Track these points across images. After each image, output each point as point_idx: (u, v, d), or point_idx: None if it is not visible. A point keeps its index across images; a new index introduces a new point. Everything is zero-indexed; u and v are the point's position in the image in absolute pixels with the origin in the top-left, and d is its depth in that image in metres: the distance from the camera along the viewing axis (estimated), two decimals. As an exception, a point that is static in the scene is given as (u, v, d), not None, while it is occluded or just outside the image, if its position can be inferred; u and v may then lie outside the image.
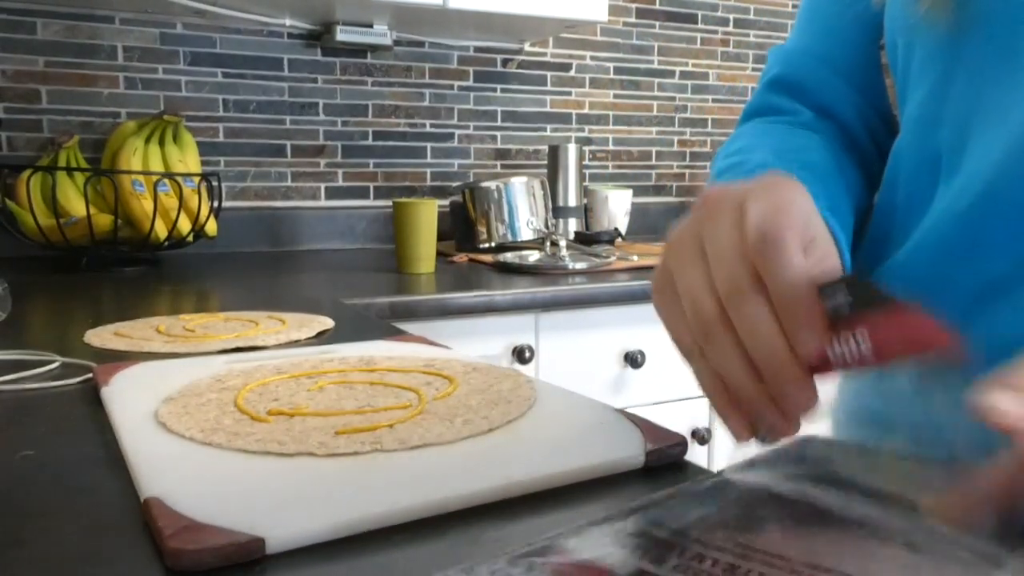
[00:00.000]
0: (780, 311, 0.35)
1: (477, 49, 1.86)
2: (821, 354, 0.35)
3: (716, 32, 2.12)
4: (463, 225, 1.63)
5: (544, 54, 1.93)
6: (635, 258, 1.48)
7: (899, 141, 0.54)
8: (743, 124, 0.65)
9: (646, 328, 1.33)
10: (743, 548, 0.29)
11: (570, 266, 1.40)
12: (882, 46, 0.59)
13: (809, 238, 0.38)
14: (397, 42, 1.76)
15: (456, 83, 1.85)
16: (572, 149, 1.79)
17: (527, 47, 1.90)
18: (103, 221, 1.33)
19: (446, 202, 1.71)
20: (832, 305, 0.35)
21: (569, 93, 1.97)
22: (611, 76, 2.01)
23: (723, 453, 1.44)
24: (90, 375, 0.62)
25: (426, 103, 1.83)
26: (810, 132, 0.60)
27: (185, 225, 1.40)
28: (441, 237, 1.46)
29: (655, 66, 2.06)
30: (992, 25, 0.45)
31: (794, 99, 0.63)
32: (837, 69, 0.61)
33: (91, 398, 0.57)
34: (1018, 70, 0.44)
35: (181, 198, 1.37)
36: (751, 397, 0.37)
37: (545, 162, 1.84)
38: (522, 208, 1.59)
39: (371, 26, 1.67)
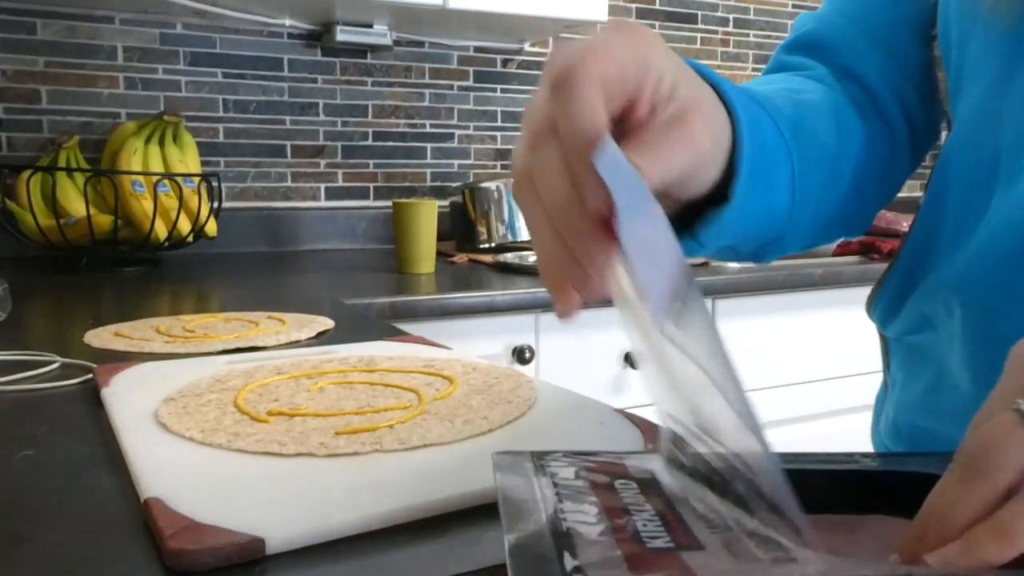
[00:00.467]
0: (568, 155, 0.32)
1: (477, 49, 1.86)
2: (612, 212, 0.31)
3: (716, 32, 2.12)
4: (463, 225, 1.63)
5: (544, 54, 1.93)
6: (635, 258, 1.48)
7: (950, 140, 0.51)
8: None
9: (646, 328, 1.33)
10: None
11: (570, 266, 1.40)
12: (934, 36, 0.55)
13: (664, 94, 0.35)
14: (397, 42, 1.76)
15: (456, 83, 1.85)
16: (572, 149, 1.78)
17: (527, 47, 1.90)
18: (103, 221, 1.33)
19: (446, 202, 1.71)
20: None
21: (569, 93, 1.97)
22: (611, 76, 2.01)
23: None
24: (90, 375, 0.62)
25: (426, 103, 1.83)
26: (812, 82, 0.55)
27: (185, 225, 1.40)
28: (441, 237, 1.46)
29: (655, 66, 2.06)
30: None
31: (811, 58, 0.58)
32: (866, 29, 0.56)
33: (91, 398, 0.57)
34: None
35: (181, 198, 1.37)
36: (551, 252, 0.33)
37: (545, 162, 1.84)
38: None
39: (371, 26, 1.67)
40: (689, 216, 0.44)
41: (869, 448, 0.60)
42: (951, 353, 0.49)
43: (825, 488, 0.33)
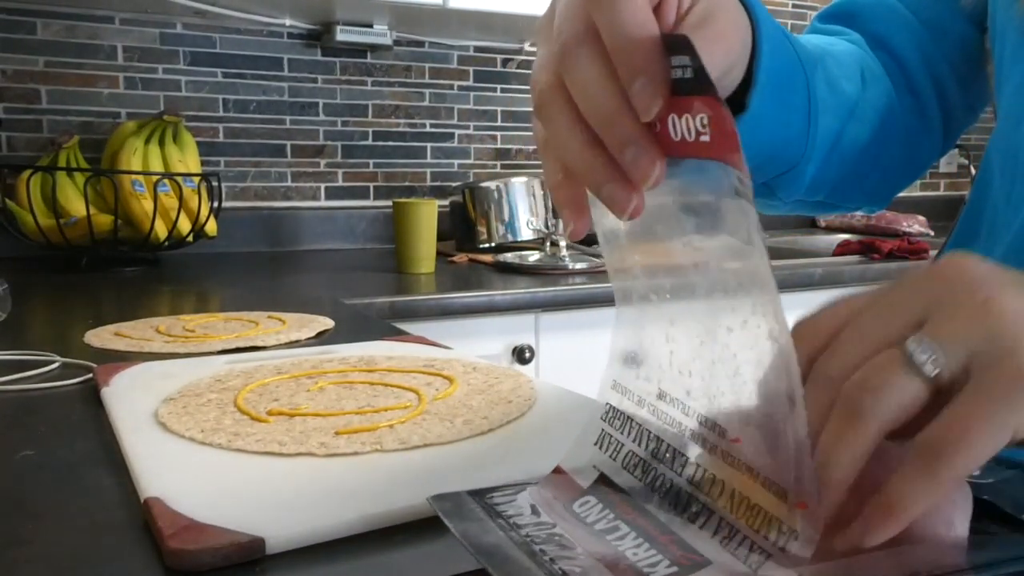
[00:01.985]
0: (615, 62, 0.30)
1: (477, 49, 1.86)
2: (662, 125, 0.30)
3: (716, 32, 2.12)
4: (463, 225, 1.63)
5: (544, 54, 1.93)
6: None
7: (994, 134, 0.52)
8: None
9: (646, 328, 1.33)
10: None
11: (570, 266, 1.40)
12: (986, 29, 0.55)
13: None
14: (397, 42, 1.76)
15: (456, 83, 1.85)
16: (572, 149, 1.78)
17: (527, 47, 1.90)
18: (103, 221, 1.33)
19: (446, 202, 1.71)
20: (675, 68, 0.30)
21: (569, 93, 1.97)
22: (611, 76, 2.01)
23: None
24: (90, 375, 0.62)
25: (426, 103, 1.83)
26: (844, 43, 0.54)
27: (185, 225, 1.40)
28: (441, 237, 1.46)
29: (655, 66, 2.06)
30: None
31: (846, 26, 0.57)
32: (914, 8, 0.55)
33: (91, 398, 0.57)
34: None
35: (181, 198, 1.37)
36: (586, 166, 0.32)
37: (545, 162, 1.84)
38: (522, 208, 1.60)
39: (371, 26, 1.67)
40: None
41: None
42: None
43: None
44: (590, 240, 1.68)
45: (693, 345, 0.31)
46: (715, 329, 0.30)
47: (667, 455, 0.31)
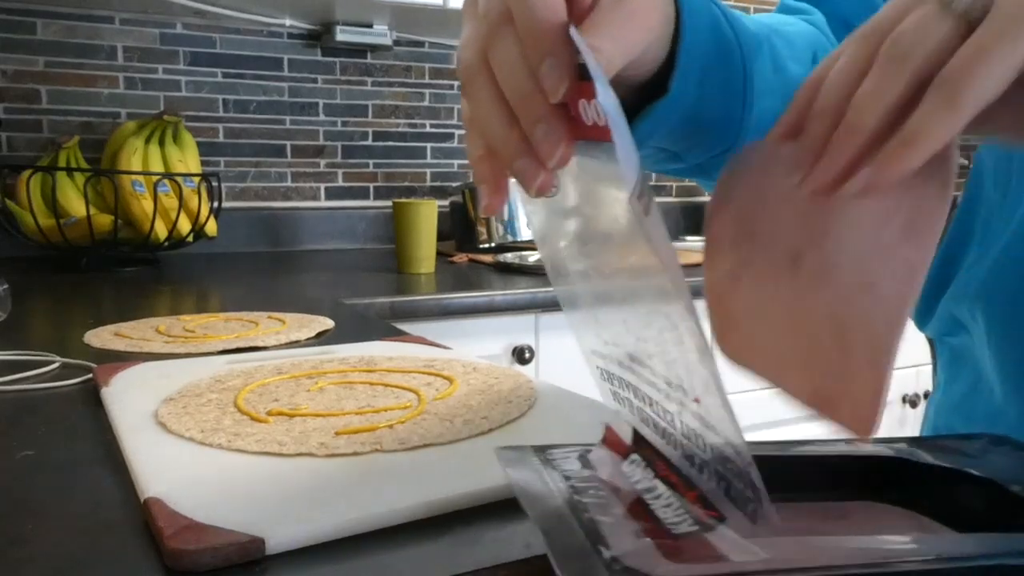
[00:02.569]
0: (525, 44, 0.32)
1: (477, 49, 1.86)
2: (574, 108, 0.32)
3: (716, 32, 2.12)
4: (463, 225, 1.63)
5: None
6: (635, 258, 1.48)
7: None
8: None
9: (646, 328, 1.33)
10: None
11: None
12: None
13: None
14: (397, 42, 1.76)
15: (456, 83, 1.85)
16: (572, 149, 1.78)
17: (527, 47, 1.90)
18: (103, 221, 1.33)
19: (446, 202, 1.71)
20: (580, 60, 0.31)
21: (569, 93, 1.97)
22: (611, 76, 2.01)
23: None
24: (90, 375, 0.62)
25: (426, 103, 1.83)
26: (804, 24, 0.54)
27: (185, 225, 1.40)
28: (441, 237, 1.46)
29: (655, 66, 2.06)
30: None
31: (812, 5, 0.57)
32: None
33: (91, 398, 0.57)
34: None
35: (181, 198, 1.37)
36: (502, 141, 0.33)
37: (545, 162, 1.84)
38: (522, 208, 1.60)
39: (371, 26, 1.67)
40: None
41: None
42: (984, 357, 0.49)
43: (798, 473, 0.33)
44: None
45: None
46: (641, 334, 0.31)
47: (659, 412, 0.31)
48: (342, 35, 1.64)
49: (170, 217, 1.38)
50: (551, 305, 1.24)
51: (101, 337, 0.77)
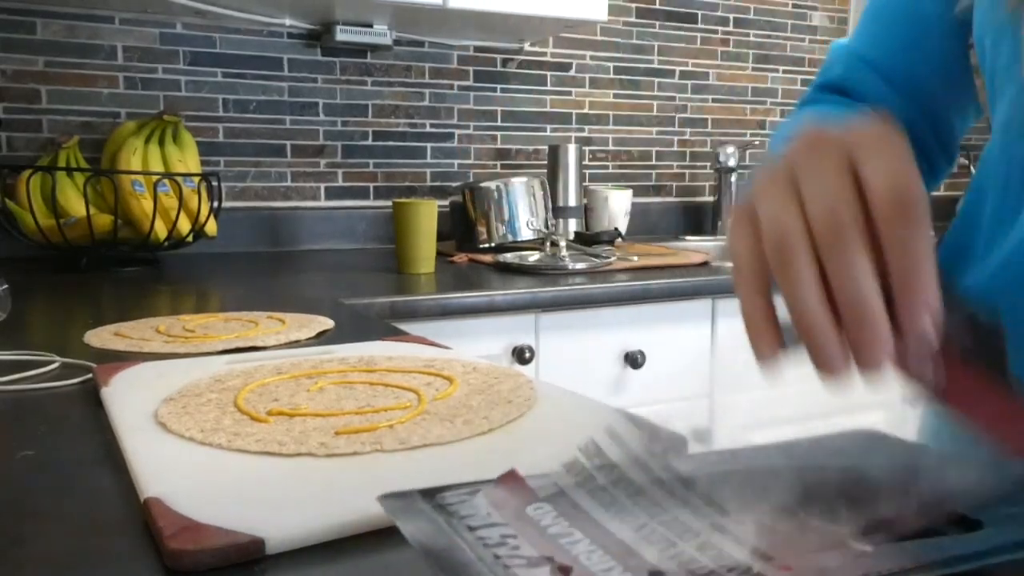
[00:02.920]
0: (897, 282, 0.33)
1: (477, 49, 1.86)
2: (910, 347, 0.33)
3: (716, 32, 2.12)
4: (463, 225, 1.63)
5: (544, 54, 1.93)
6: (635, 258, 1.48)
7: (989, 146, 0.52)
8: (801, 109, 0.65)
9: (646, 328, 1.33)
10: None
11: (570, 266, 1.40)
12: (971, 45, 0.56)
13: None
14: (397, 42, 1.76)
15: (456, 83, 1.85)
16: (572, 149, 1.79)
17: (527, 47, 1.90)
18: (103, 221, 1.33)
19: (446, 202, 1.71)
20: (949, 329, 0.33)
21: (569, 93, 1.97)
22: (611, 76, 2.01)
23: (723, 453, 1.44)
24: (90, 375, 0.62)
25: (426, 103, 1.83)
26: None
27: (185, 225, 1.40)
28: (441, 237, 1.46)
29: (655, 66, 2.06)
30: None
31: (842, 97, 0.62)
32: (887, 76, 0.60)
33: (91, 398, 0.57)
34: None
35: (181, 198, 1.37)
36: (821, 329, 0.34)
37: (545, 162, 1.84)
38: (522, 208, 1.59)
39: (371, 26, 1.67)
40: None
41: None
42: None
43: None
44: (590, 240, 1.68)
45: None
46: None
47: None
48: (342, 35, 1.64)
49: (170, 217, 1.38)
50: (551, 305, 1.24)
51: (101, 337, 0.77)
